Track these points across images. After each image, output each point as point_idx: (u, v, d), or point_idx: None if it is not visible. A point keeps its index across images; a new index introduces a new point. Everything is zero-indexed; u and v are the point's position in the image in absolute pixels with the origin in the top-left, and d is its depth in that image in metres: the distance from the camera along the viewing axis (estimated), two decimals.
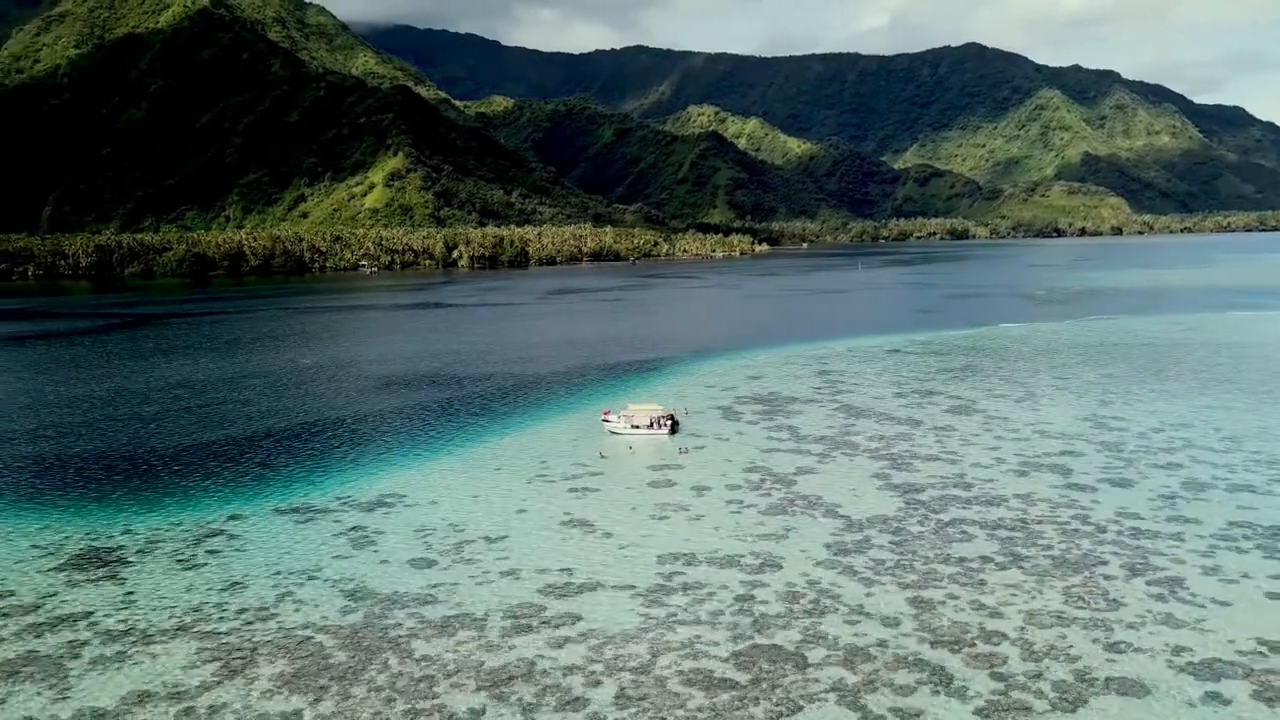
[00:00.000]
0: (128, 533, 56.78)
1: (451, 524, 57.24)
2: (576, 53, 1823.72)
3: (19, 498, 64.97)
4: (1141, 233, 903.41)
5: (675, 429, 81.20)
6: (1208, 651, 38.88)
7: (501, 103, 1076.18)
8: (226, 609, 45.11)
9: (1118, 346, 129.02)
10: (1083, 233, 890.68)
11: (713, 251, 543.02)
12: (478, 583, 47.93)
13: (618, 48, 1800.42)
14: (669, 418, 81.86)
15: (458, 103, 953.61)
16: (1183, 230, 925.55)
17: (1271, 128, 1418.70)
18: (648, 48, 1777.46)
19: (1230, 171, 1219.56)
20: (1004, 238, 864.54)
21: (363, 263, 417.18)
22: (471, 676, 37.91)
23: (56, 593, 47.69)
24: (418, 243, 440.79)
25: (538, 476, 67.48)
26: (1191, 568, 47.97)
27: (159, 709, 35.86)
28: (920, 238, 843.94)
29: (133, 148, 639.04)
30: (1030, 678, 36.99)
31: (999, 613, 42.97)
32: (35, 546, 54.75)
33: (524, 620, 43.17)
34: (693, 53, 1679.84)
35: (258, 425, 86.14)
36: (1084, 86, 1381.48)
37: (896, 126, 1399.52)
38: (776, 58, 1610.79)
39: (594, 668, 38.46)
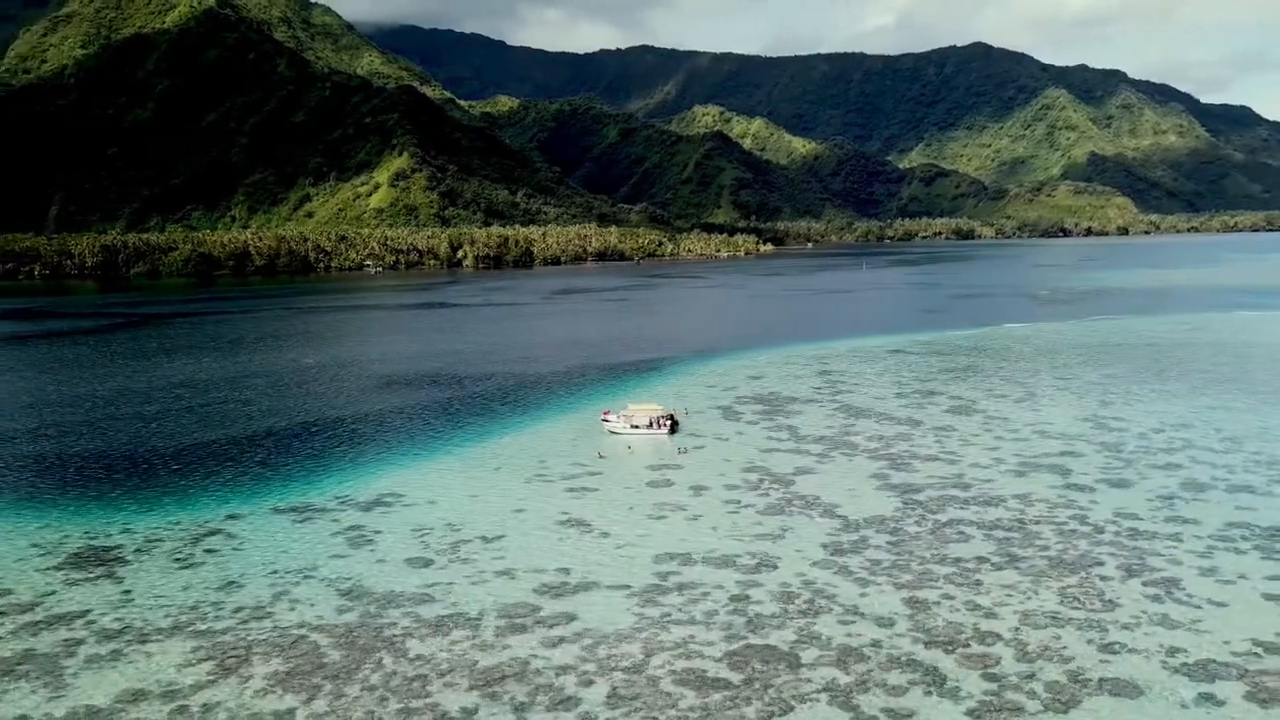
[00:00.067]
0: (126, 532, 57.01)
1: (449, 523, 57.35)
2: (582, 52, 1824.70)
3: (19, 496, 65.25)
4: (1148, 232, 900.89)
5: (675, 429, 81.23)
6: (1202, 652, 38.80)
7: (506, 103, 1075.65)
8: (222, 608, 45.26)
9: (1121, 347, 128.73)
10: (1089, 233, 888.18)
11: (717, 251, 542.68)
12: (473, 582, 48.02)
13: (623, 47, 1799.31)
14: (668, 418, 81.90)
15: (463, 103, 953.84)
16: (1189, 230, 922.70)
17: (1278, 127, 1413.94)
18: (653, 47, 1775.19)
19: (1237, 171, 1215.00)
20: (1009, 238, 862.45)
21: (367, 263, 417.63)
22: (465, 676, 37.98)
23: (54, 591, 47.90)
24: (422, 243, 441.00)
25: (536, 476, 67.57)
26: (1188, 568, 47.88)
27: (153, 707, 36.00)
28: (925, 238, 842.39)
29: (139, 148, 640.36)
30: (1023, 678, 36.96)
31: (994, 613, 42.94)
32: (34, 545, 55.00)
33: (518, 620, 43.24)
34: (698, 52, 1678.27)
35: (258, 424, 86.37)
36: (1090, 86, 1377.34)
37: (902, 126, 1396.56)
38: (782, 57, 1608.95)
39: (587, 667, 38.52)
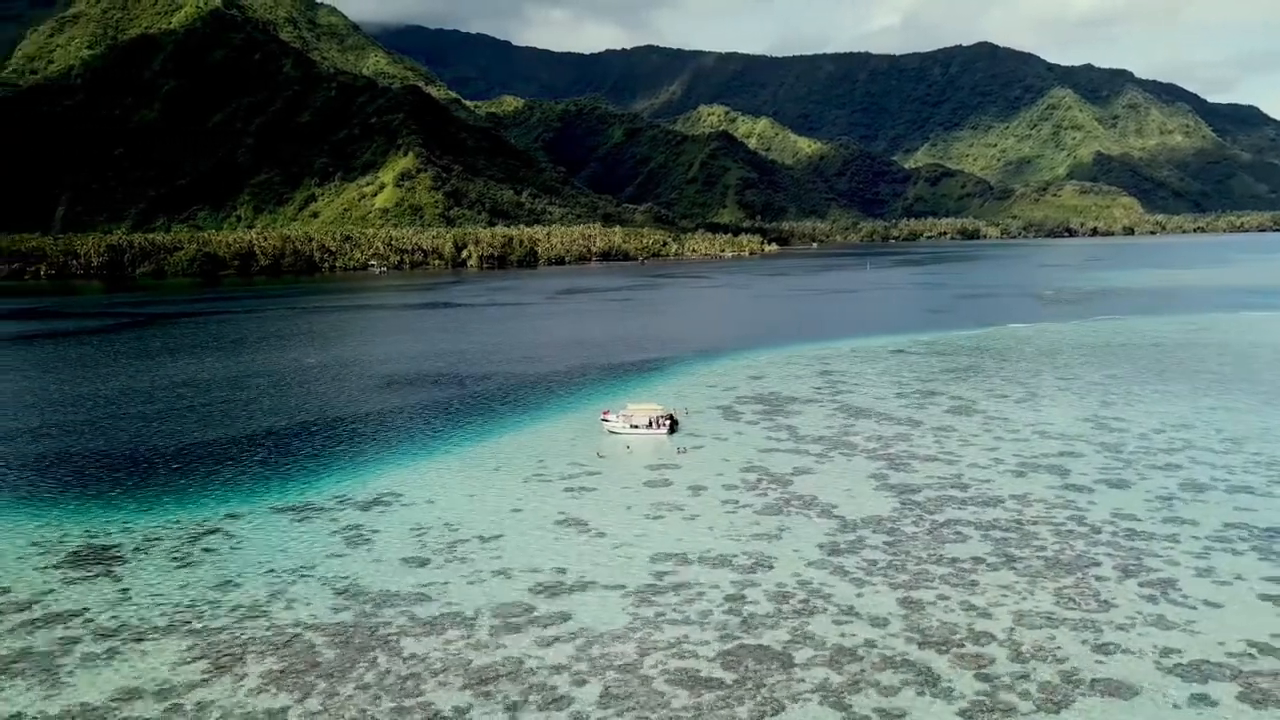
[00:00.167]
0: (126, 530, 57.20)
1: (447, 523, 57.45)
2: (587, 53, 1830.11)
3: (21, 495, 65.49)
4: (1154, 232, 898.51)
5: (674, 429, 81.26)
6: (1197, 653, 38.73)
7: (512, 103, 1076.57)
8: (219, 607, 45.40)
9: (1124, 347, 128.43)
10: (1094, 233, 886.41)
11: (722, 251, 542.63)
12: (469, 582, 48.10)
13: (628, 47, 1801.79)
14: (668, 417, 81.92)
15: (468, 103, 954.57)
16: (1196, 230, 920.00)
17: None
18: (658, 47, 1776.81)
19: (1244, 171, 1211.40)
20: (1015, 238, 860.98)
21: (372, 262, 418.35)
22: (458, 675, 38.06)
23: (52, 589, 48.09)
24: (427, 242, 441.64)
25: (535, 476, 67.63)
26: (1185, 569, 47.78)
27: (147, 706, 36.15)
28: (931, 238, 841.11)
29: (145, 148, 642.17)
30: (1016, 679, 36.92)
31: (988, 613, 42.90)
32: (34, 544, 55.22)
33: (513, 619, 43.31)
34: (703, 52, 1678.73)
35: (259, 424, 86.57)
36: (1096, 86, 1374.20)
37: (907, 126, 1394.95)
38: (787, 57, 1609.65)
39: (580, 667, 38.57)
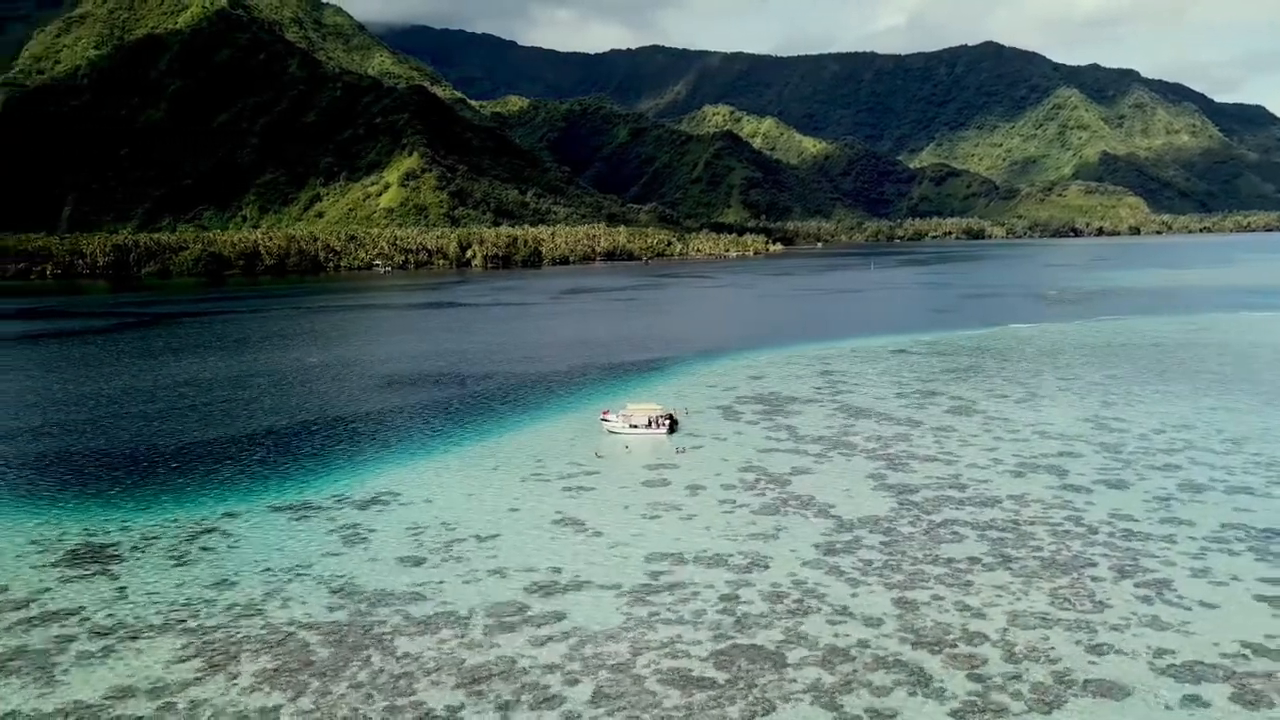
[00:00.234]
0: (124, 529, 57.38)
1: (444, 522, 57.54)
2: (592, 52, 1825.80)
3: (21, 494, 65.73)
4: (1160, 232, 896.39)
5: (674, 429, 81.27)
6: (1190, 654, 38.65)
7: (517, 102, 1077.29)
8: (214, 605, 45.53)
9: (1126, 347, 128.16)
10: (1100, 232, 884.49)
11: (726, 251, 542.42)
12: (465, 581, 48.17)
13: (634, 47, 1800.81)
14: (668, 417, 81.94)
15: (473, 102, 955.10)
16: (1202, 230, 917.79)
17: None
18: (664, 47, 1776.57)
19: (1251, 171, 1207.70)
20: (1020, 237, 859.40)
21: (377, 262, 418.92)
22: (451, 674, 38.13)
23: (49, 588, 48.26)
24: (432, 242, 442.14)
25: (533, 475, 67.70)
26: (1181, 570, 47.67)
27: (140, 704, 36.26)
28: (936, 237, 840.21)
29: (151, 148, 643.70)
30: (1009, 679, 36.89)
31: (983, 614, 42.85)
32: (33, 542, 55.42)
33: (508, 619, 43.37)
34: (709, 52, 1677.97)
35: (260, 423, 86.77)
36: (1102, 86, 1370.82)
37: (913, 126, 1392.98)
38: (792, 57, 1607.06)
39: (573, 666, 38.62)
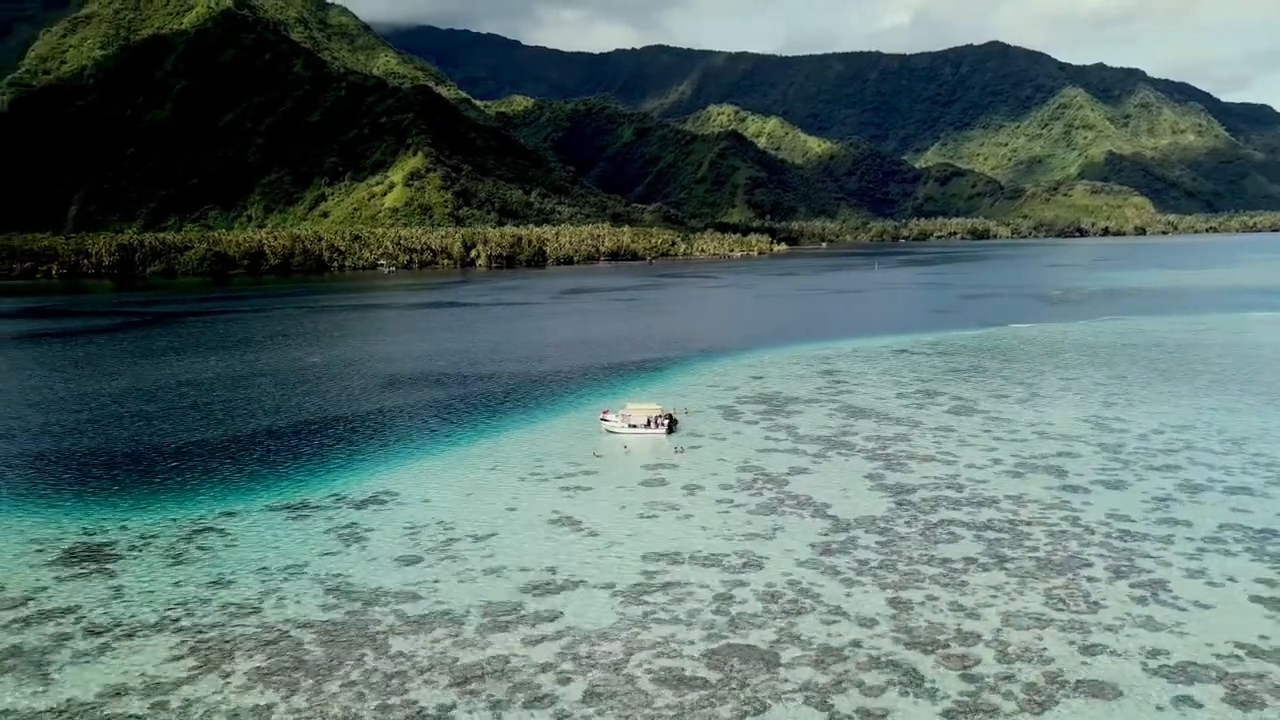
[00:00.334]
0: (122, 528, 57.55)
1: (441, 522, 57.63)
2: (597, 52, 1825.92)
3: (20, 493, 65.94)
4: (1165, 232, 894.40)
5: (673, 428, 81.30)
6: (1184, 654, 38.59)
7: (522, 102, 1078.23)
8: (210, 604, 45.65)
9: (1128, 347, 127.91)
10: (1106, 233, 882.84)
11: (730, 251, 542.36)
12: (460, 580, 48.25)
13: (638, 47, 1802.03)
14: (667, 417, 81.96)
15: (478, 102, 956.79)
16: (1208, 230, 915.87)
17: None
18: (668, 47, 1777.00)
19: (1257, 170, 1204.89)
20: (1025, 238, 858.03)
21: (381, 262, 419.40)
22: (444, 673, 38.20)
23: (47, 587, 48.42)
24: (436, 242, 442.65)
25: (531, 475, 67.77)
26: (1176, 570, 47.60)
27: (134, 702, 36.39)
28: (941, 237, 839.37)
29: (156, 148, 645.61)
30: (1001, 679, 36.85)
31: (977, 614, 42.82)
32: (31, 541, 55.59)
33: (502, 618, 43.43)
34: (713, 52, 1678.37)
35: (260, 422, 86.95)
36: (1108, 85, 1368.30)
37: (918, 125, 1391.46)
38: (797, 56, 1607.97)
39: (566, 665, 38.67)
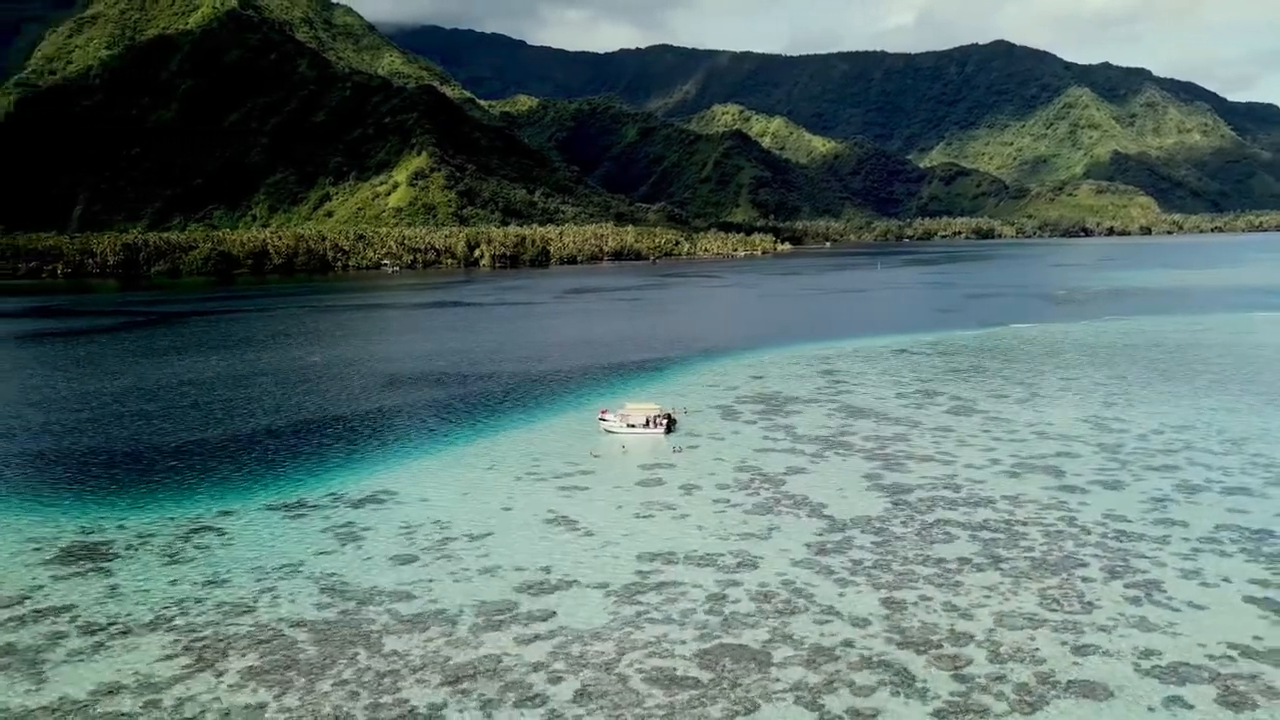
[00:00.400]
0: (120, 527, 57.73)
1: (437, 521, 57.73)
2: (602, 52, 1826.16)
3: (19, 492, 66.17)
4: (1171, 232, 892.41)
5: (671, 428, 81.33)
6: (1176, 655, 38.53)
7: (526, 102, 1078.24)
8: (205, 603, 45.78)
9: (1130, 347, 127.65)
10: (1111, 232, 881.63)
11: (734, 251, 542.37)
12: (455, 579, 48.34)
13: (643, 47, 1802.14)
14: (666, 417, 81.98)
15: (482, 102, 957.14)
16: (1213, 230, 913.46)
17: None
18: (673, 47, 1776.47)
19: (1264, 170, 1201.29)
20: (1030, 237, 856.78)
21: (385, 261, 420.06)
22: (436, 672, 38.28)
23: (43, 585, 48.59)
24: (440, 242, 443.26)
25: (528, 475, 67.84)
26: (1171, 570, 47.51)
27: (127, 700, 36.51)
28: (945, 237, 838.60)
29: (162, 148, 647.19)
30: (993, 680, 36.84)
31: (970, 614, 42.79)
32: (29, 539, 55.79)
33: (495, 617, 43.51)
34: (718, 51, 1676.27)
35: (260, 422, 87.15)
36: (1114, 84, 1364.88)
37: (923, 125, 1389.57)
38: (802, 56, 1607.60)
39: (558, 665, 38.72)
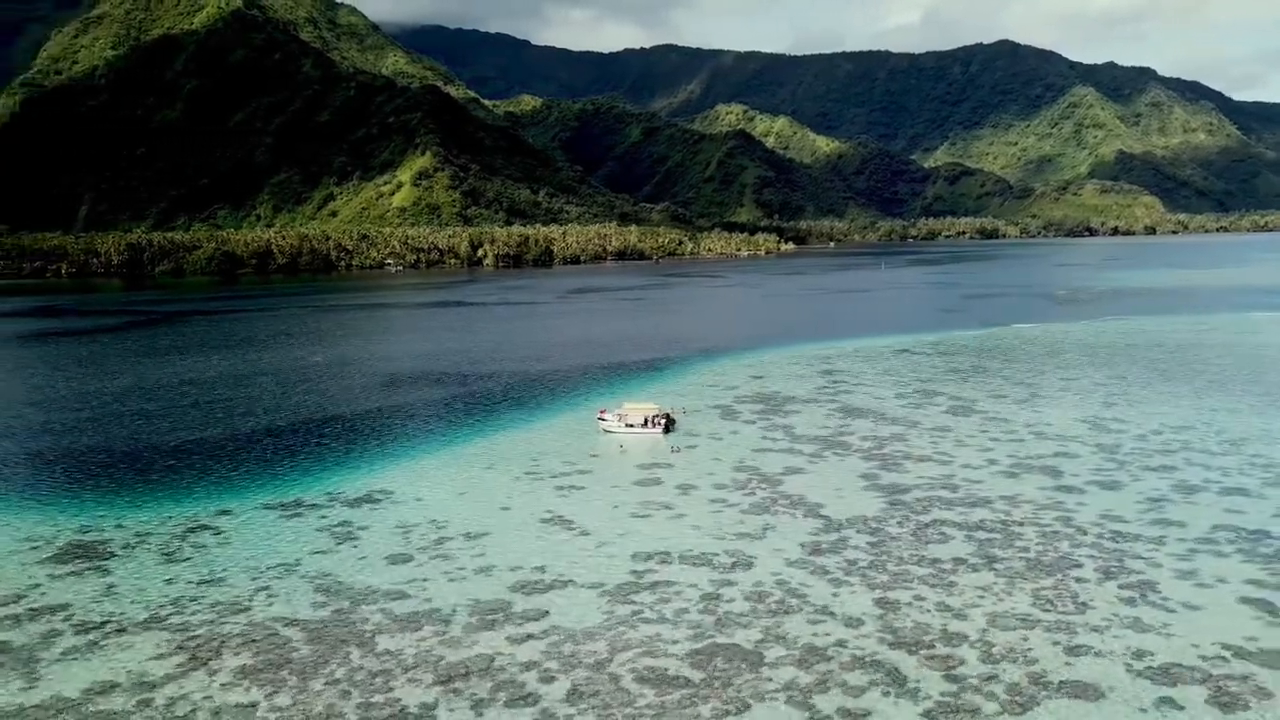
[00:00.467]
0: (119, 526, 57.89)
1: (434, 521, 57.82)
2: (606, 52, 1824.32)
3: (17, 491, 66.40)
4: (1175, 232, 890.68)
5: (670, 428, 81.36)
6: (1169, 655, 38.48)
7: (530, 102, 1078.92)
8: (201, 602, 45.92)
9: (1130, 348, 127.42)
10: (1115, 232, 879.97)
11: (737, 250, 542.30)
12: (450, 579, 48.42)
13: (647, 47, 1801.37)
14: (664, 417, 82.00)
15: (487, 102, 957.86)
16: (1218, 229, 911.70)
17: None
18: (677, 46, 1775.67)
19: (1269, 170, 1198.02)
20: (1035, 237, 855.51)
21: (388, 261, 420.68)
22: (429, 671, 38.36)
23: (39, 584, 48.76)
24: (443, 241, 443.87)
25: (526, 474, 67.92)
26: (1166, 571, 47.44)
27: (120, 699, 36.62)
28: (949, 237, 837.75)
29: (167, 147, 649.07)
30: (984, 680, 36.82)
31: (964, 615, 42.76)
32: (27, 539, 55.97)
33: (489, 616, 43.57)
34: (722, 51, 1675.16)
35: (259, 421, 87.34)
36: (1119, 84, 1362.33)
37: (927, 125, 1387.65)
38: (806, 56, 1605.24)
39: (550, 664, 38.77)
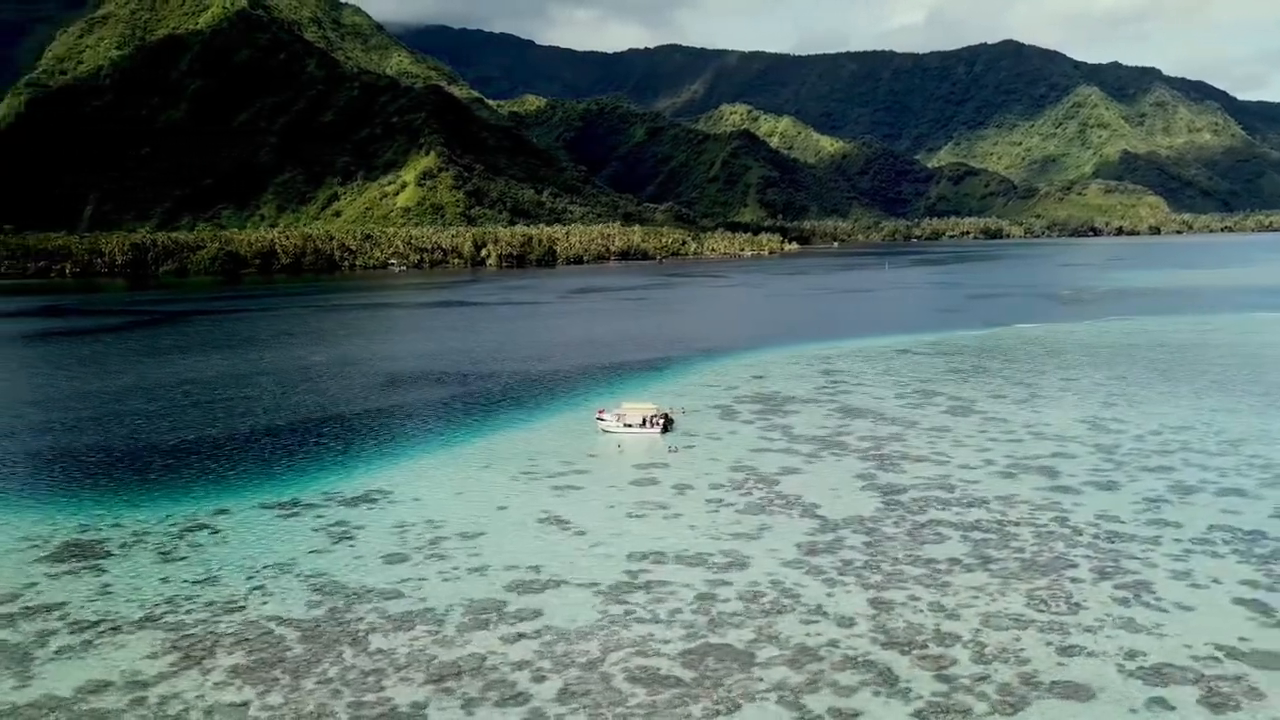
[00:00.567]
0: (116, 526, 58.03)
1: (430, 520, 57.90)
2: (610, 52, 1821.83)
3: (16, 490, 66.58)
4: (1180, 232, 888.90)
5: (668, 428, 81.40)
6: (1162, 656, 38.42)
7: (534, 102, 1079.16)
8: (196, 601, 46.02)
9: (1132, 348, 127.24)
10: (1120, 232, 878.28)
11: (741, 250, 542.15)
12: (445, 578, 48.50)
13: (651, 47, 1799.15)
14: (663, 417, 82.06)
15: (491, 102, 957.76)
16: (1223, 229, 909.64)
17: None
18: (681, 46, 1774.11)
19: (1274, 170, 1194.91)
20: (1039, 237, 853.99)
21: (392, 261, 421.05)
22: (421, 671, 38.41)
23: (36, 583, 48.89)
24: (446, 241, 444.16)
25: (523, 474, 67.98)
26: (1162, 572, 47.38)
27: (113, 698, 36.70)
28: (953, 237, 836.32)
29: (171, 147, 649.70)
30: (976, 680, 36.80)
31: (957, 615, 42.75)
32: (25, 538, 56.10)
33: (483, 616, 43.63)
34: (726, 51, 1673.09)
35: (259, 420, 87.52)
36: (1123, 84, 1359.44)
37: (931, 125, 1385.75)
38: (810, 56, 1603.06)
39: (542, 664, 38.81)
